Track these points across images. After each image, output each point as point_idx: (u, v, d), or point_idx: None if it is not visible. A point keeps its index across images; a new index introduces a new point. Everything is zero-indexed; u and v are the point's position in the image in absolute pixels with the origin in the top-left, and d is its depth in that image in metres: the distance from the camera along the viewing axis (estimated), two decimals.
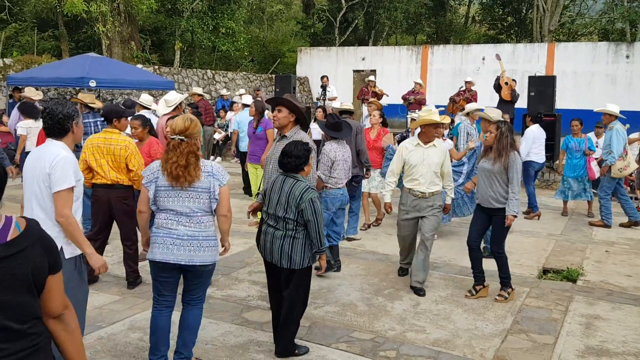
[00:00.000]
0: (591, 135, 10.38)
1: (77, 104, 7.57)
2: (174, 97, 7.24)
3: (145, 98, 8.40)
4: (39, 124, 8.71)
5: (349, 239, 7.56)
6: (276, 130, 5.35)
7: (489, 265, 5.77)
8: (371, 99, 12.22)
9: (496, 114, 6.77)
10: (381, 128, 8.36)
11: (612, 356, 4.45)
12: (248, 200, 9.48)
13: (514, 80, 13.36)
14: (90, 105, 7.71)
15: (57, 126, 3.48)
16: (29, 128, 8.82)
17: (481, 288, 5.62)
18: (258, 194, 4.79)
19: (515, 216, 5.40)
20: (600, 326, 5.01)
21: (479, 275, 5.64)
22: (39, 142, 7.84)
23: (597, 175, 9.25)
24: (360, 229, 8.15)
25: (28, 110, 9.26)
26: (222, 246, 3.97)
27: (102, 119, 7.44)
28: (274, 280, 4.38)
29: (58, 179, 3.36)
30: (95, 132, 7.22)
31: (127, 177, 5.54)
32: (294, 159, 4.14)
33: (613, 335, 4.82)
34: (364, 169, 7.64)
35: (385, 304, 5.40)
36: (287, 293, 4.22)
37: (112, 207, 5.56)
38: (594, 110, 9.57)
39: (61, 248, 3.43)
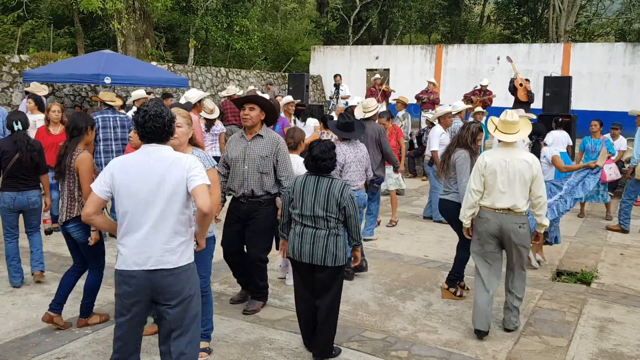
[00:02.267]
0: (607, 136, 10.20)
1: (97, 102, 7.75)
2: (193, 94, 7.46)
3: (136, 93, 8.57)
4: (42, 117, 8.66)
5: (366, 240, 7.57)
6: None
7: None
8: (398, 98, 12.57)
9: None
10: (392, 126, 8.58)
11: None
12: None
13: (527, 80, 13.24)
14: (108, 102, 7.78)
15: (165, 129, 3.17)
16: (38, 121, 8.69)
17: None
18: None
19: None
20: (614, 329, 4.96)
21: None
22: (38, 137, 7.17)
23: (608, 178, 9.08)
24: (387, 226, 8.45)
25: (39, 102, 9.24)
26: None
27: (123, 115, 7.56)
28: (306, 284, 4.27)
29: (199, 175, 3.15)
30: (114, 127, 7.31)
31: None
32: (329, 161, 4.17)
33: (627, 339, 4.77)
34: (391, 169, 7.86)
35: (397, 304, 5.39)
36: (331, 292, 4.17)
37: None
38: (628, 112, 9.42)
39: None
